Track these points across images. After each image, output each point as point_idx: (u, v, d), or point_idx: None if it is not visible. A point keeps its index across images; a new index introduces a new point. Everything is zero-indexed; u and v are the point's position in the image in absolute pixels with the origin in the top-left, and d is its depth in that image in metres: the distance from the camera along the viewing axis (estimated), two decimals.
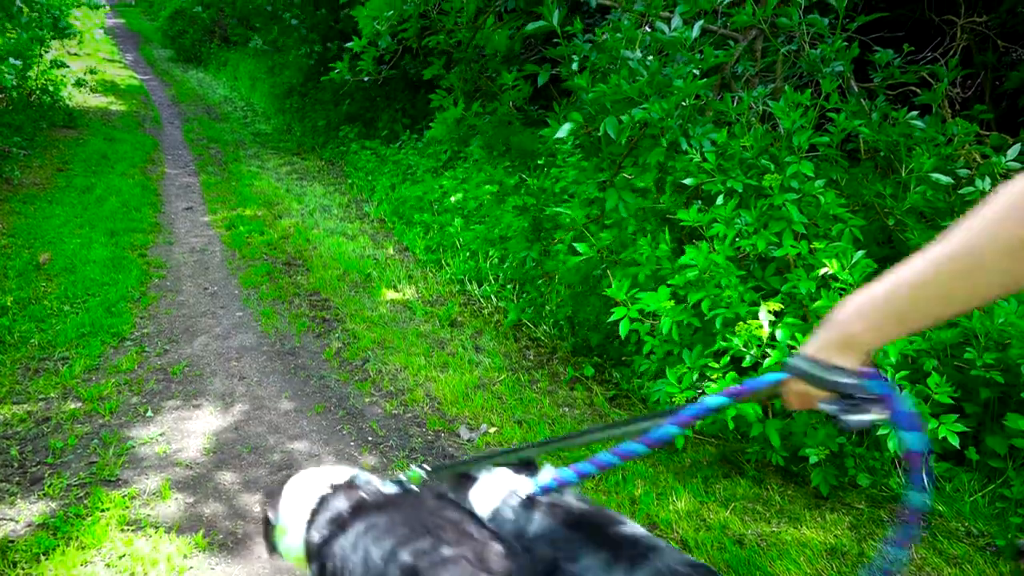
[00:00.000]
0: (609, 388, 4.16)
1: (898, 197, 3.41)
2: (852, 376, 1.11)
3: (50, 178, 8.41)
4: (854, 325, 1.09)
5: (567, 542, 1.45)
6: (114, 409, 3.78)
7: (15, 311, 4.85)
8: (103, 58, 18.72)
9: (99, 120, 12.02)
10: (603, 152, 3.75)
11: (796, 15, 3.71)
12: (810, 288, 3.04)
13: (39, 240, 6.29)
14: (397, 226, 7.30)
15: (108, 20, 20.33)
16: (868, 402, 1.14)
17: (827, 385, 1.13)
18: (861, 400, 1.14)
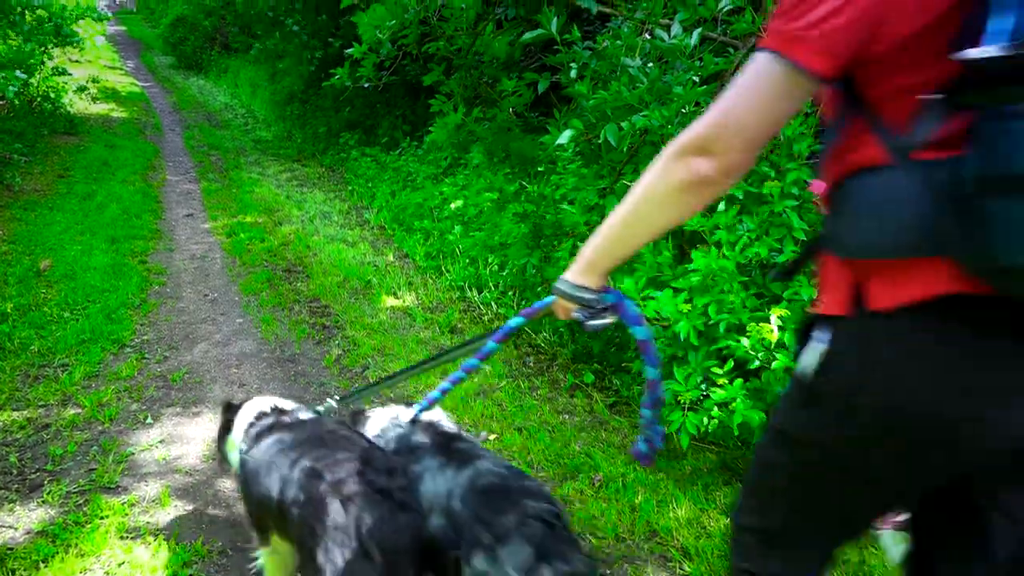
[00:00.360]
0: (609, 395, 4.15)
1: None
2: (593, 292, 1.56)
3: (51, 185, 8.42)
4: (589, 256, 1.52)
5: (420, 450, 2.10)
6: (114, 416, 3.77)
7: (15, 317, 4.85)
8: (104, 65, 18.79)
9: (100, 127, 12.05)
10: (603, 159, 3.76)
11: None
12: (812, 295, 3.04)
13: (40, 247, 6.29)
14: (397, 233, 7.30)
15: (109, 27, 20.38)
16: (605, 310, 1.61)
17: (577, 300, 1.58)
18: (600, 309, 1.60)
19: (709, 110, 1.25)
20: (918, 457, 1.21)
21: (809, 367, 1.28)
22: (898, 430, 1.19)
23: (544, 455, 3.50)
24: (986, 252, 1.01)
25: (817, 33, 1.11)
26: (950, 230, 1.04)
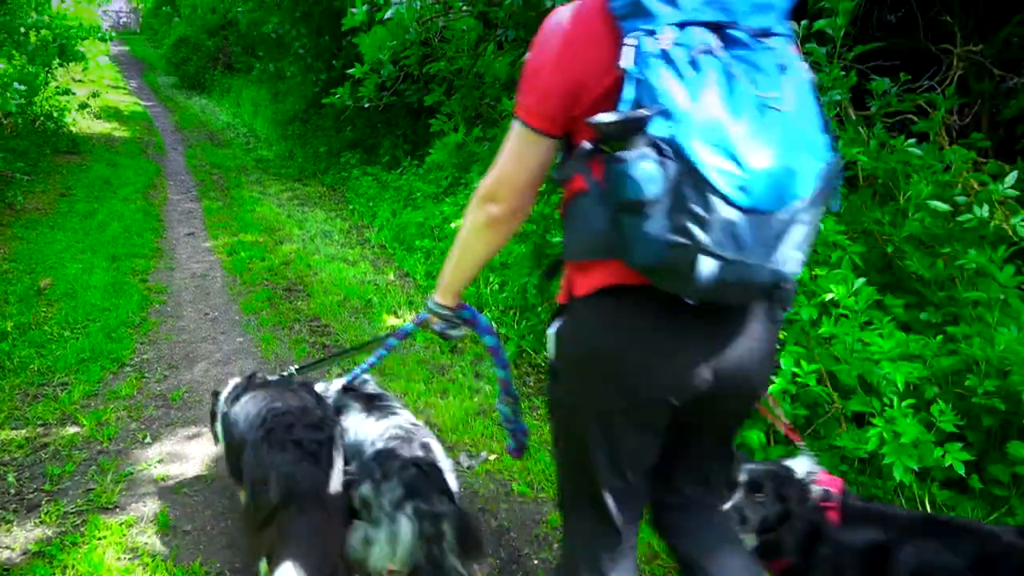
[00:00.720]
0: None
1: (896, 224, 3.43)
2: (450, 310, 2.03)
3: (53, 203, 8.45)
4: (442, 283, 1.97)
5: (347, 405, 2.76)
6: (113, 435, 3.77)
7: (15, 336, 4.85)
8: (107, 85, 18.91)
9: (102, 146, 12.11)
10: None
11: None
12: (812, 315, 3.04)
13: (40, 265, 6.31)
14: (398, 252, 7.32)
15: (113, 47, 20.54)
16: (462, 322, 2.11)
17: (439, 315, 2.05)
18: (457, 321, 2.09)
19: (493, 165, 1.67)
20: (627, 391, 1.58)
21: (550, 351, 1.71)
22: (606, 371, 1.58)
23: (544, 475, 3.49)
24: (628, 256, 1.39)
25: (537, 103, 1.56)
26: (614, 240, 1.41)
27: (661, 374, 1.55)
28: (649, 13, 1.35)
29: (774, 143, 1.34)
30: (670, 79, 1.31)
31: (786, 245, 1.37)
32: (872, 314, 3.05)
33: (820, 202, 1.42)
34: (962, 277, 3.26)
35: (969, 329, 3.07)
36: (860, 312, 2.92)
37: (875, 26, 6.27)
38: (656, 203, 1.30)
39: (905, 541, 1.82)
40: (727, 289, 1.38)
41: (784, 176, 1.34)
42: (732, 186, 1.29)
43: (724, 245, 1.31)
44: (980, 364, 2.91)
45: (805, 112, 1.41)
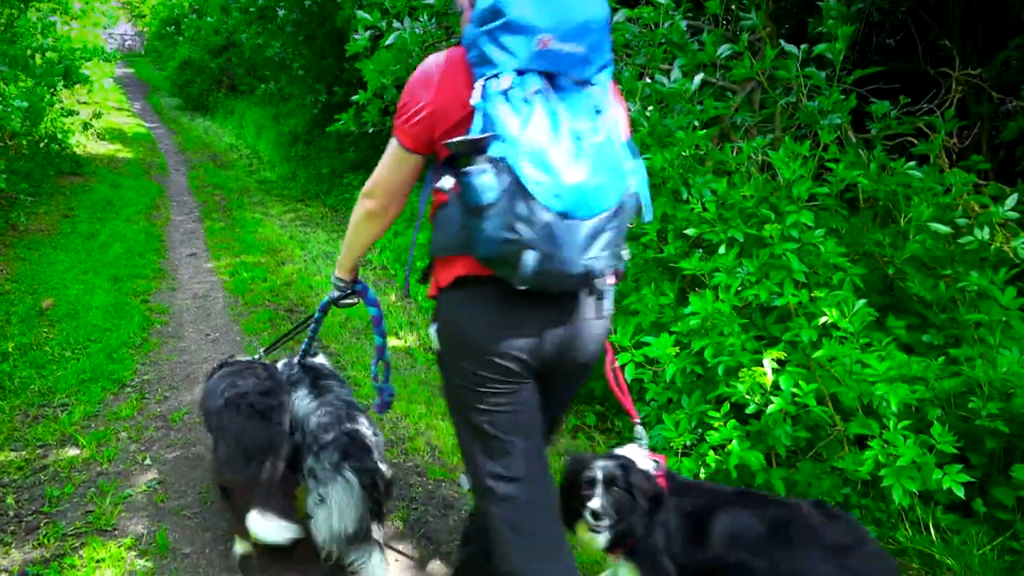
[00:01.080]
0: (611, 436, 4.13)
1: (897, 246, 3.43)
2: (346, 282, 2.52)
3: (56, 224, 8.48)
4: (340, 261, 2.45)
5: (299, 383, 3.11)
6: (112, 456, 3.75)
7: (16, 357, 4.85)
8: (112, 107, 19.03)
9: (106, 167, 12.17)
10: None
11: (794, 68, 3.78)
12: (812, 337, 3.04)
13: (43, 286, 6.31)
14: (399, 273, 7.33)
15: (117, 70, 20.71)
16: (354, 294, 2.60)
17: (338, 287, 2.54)
18: (350, 293, 2.58)
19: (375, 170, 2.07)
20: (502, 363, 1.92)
21: (434, 345, 2.07)
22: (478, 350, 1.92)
23: None
24: (475, 250, 1.77)
25: (408, 127, 1.92)
26: (466, 238, 1.77)
27: (513, 347, 1.92)
28: (493, 62, 1.73)
29: (585, 165, 1.72)
30: (507, 112, 1.69)
31: (595, 246, 1.77)
32: (873, 335, 3.05)
33: (625, 215, 1.84)
34: (964, 299, 3.26)
35: (971, 351, 3.06)
36: (858, 334, 2.91)
37: (874, 50, 6.32)
38: (493, 207, 1.68)
39: (721, 508, 2.20)
40: (547, 278, 1.75)
41: (592, 191, 1.72)
42: (549, 195, 1.67)
43: (543, 241, 1.69)
44: (983, 386, 2.91)
45: (614, 144, 1.81)
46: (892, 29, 6.45)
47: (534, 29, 1.72)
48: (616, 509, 2.21)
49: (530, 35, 1.73)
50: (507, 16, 1.71)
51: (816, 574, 1.96)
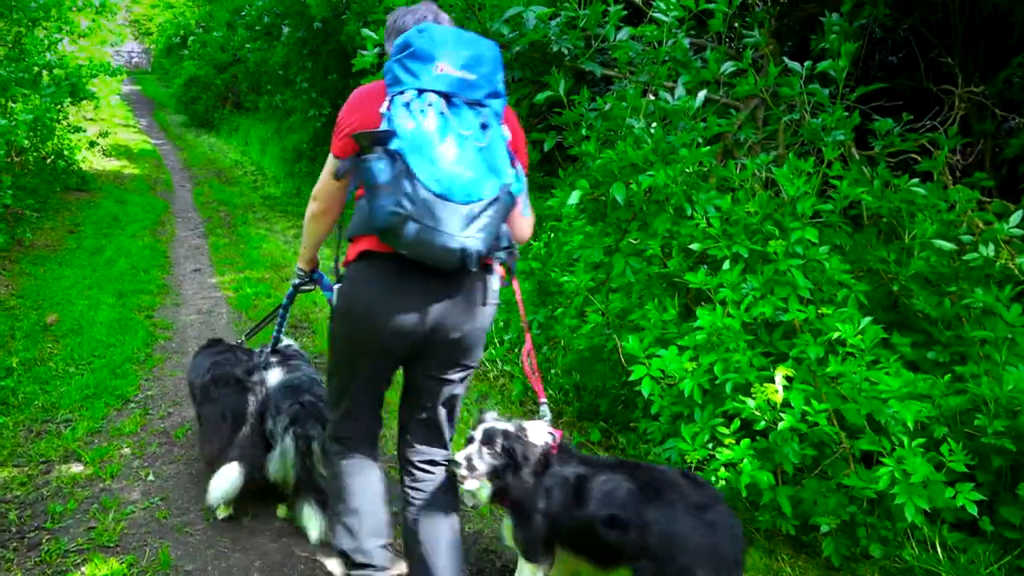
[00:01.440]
0: (616, 454, 4.11)
1: (902, 263, 3.43)
2: (305, 272, 2.97)
3: (61, 240, 8.52)
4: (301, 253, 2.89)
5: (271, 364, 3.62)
6: (115, 472, 3.74)
7: (20, 372, 4.85)
8: (118, 123, 19.14)
9: (112, 183, 12.23)
10: (609, 217, 3.80)
11: (797, 85, 3.79)
12: (818, 353, 3.03)
13: (48, 301, 6.33)
14: None
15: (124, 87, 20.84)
16: (312, 282, 3.04)
17: (299, 277, 2.99)
18: (308, 281, 3.01)
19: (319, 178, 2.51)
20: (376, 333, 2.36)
21: (332, 301, 2.54)
22: (363, 315, 2.36)
23: None
24: (372, 222, 2.16)
25: (339, 140, 2.37)
26: (368, 217, 2.19)
27: (393, 318, 2.31)
28: (401, 82, 2.19)
29: (464, 162, 2.13)
30: (405, 117, 2.12)
31: (472, 227, 2.13)
32: (879, 352, 3.04)
33: (501, 206, 2.20)
34: (969, 316, 3.25)
35: (977, 368, 3.05)
36: (866, 351, 2.90)
37: (877, 67, 6.35)
38: (386, 186, 2.09)
39: (599, 472, 2.52)
40: (427, 248, 2.13)
41: (467, 181, 2.11)
42: (430, 179, 2.07)
43: (423, 216, 2.08)
44: (989, 404, 2.89)
45: (496, 151, 2.21)
46: (894, 46, 6.48)
47: (433, 57, 2.19)
48: (492, 466, 2.55)
49: (429, 62, 2.18)
50: (413, 47, 2.19)
51: (675, 523, 2.31)
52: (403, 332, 2.33)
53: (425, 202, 2.07)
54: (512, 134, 2.35)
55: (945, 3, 5.01)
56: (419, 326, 2.32)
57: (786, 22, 5.79)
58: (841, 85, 3.74)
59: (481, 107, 2.25)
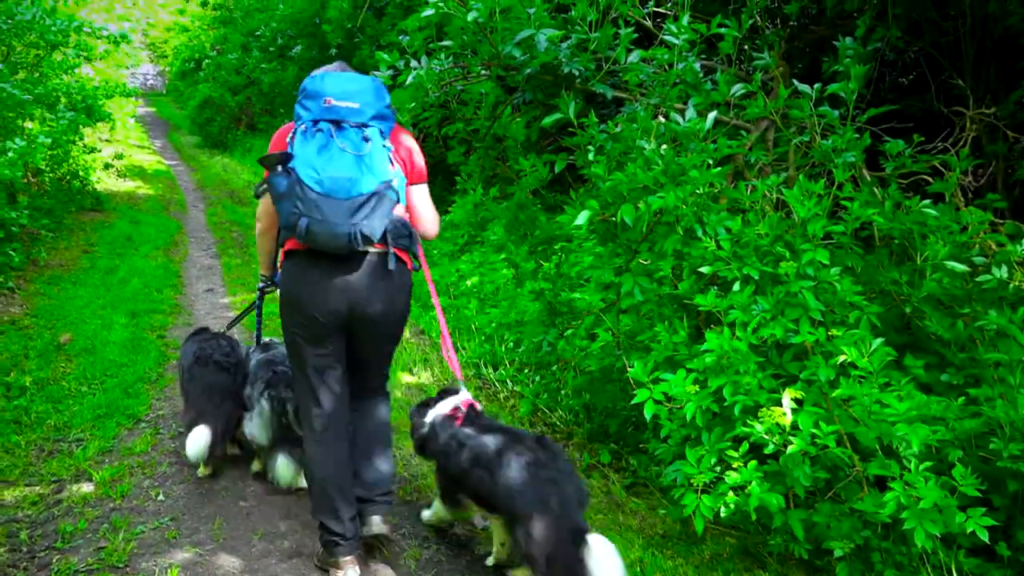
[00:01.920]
0: (626, 475, 4.09)
1: (914, 284, 3.41)
2: (266, 277, 3.62)
3: (75, 259, 8.59)
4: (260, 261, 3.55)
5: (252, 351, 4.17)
6: (126, 492, 3.75)
7: (33, 391, 4.88)
8: (133, 144, 19.36)
9: (126, 204, 12.35)
10: (619, 238, 3.80)
11: (807, 107, 3.80)
12: (829, 375, 3.01)
13: (61, 320, 6.38)
14: (414, 309, 7.34)
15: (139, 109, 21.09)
16: (272, 285, 3.59)
17: (263, 281, 3.69)
18: (270, 284, 3.62)
19: None
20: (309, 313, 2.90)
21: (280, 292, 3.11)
22: (294, 303, 2.93)
23: None
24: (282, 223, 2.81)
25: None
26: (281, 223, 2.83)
27: (314, 301, 2.90)
28: (300, 117, 2.85)
29: (345, 167, 2.75)
30: (300, 142, 2.77)
31: (357, 216, 2.74)
32: (891, 375, 3.01)
33: (384, 199, 2.81)
34: (983, 338, 3.22)
35: (991, 391, 3.02)
36: (876, 373, 2.88)
37: (887, 88, 6.35)
38: (285, 195, 2.74)
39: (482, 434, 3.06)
40: (319, 237, 2.75)
41: (346, 180, 2.73)
42: (314, 183, 2.71)
43: (312, 211, 2.71)
44: (1004, 427, 2.86)
45: (376, 158, 2.82)
46: (904, 68, 6.49)
47: (321, 94, 2.84)
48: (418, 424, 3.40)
49: (319, 98, 2.83)
50: (307, 89, 2.88)
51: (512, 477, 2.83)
52: (327, 312, 2.90)
53: (313, 201, 2.71)
54: (396, 146, 2.99)
55: (956, 26, 5.02)
56: (338, 305, 2.90)
57: (796, 44, 5.81)
58: (851, 107, 3.74)
59: (365, 127, 2.85)
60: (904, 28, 5.02)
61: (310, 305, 2.88)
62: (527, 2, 3.71)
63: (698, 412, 3.06)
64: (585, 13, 3.84)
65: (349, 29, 9.34)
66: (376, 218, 2.77)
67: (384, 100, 2.94)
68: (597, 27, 3.89)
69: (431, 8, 3.73)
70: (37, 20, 8.86)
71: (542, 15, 3.73)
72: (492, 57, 3.90)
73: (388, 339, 3.19)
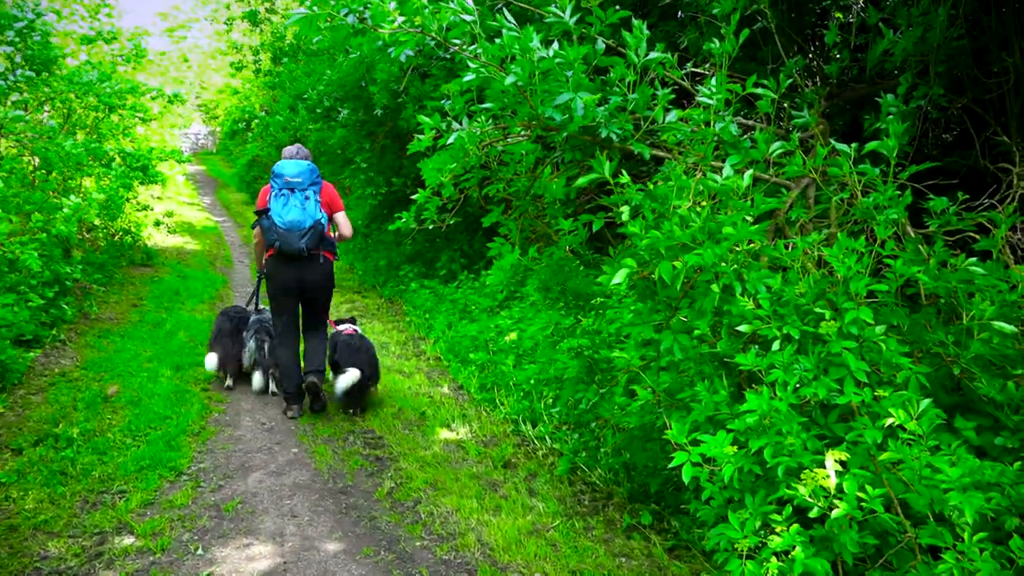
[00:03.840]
0: (668, 538, 3.99)
1: (961, 344, 3.33)
2: (260, 268, 6.01)
3: (125, 313, 8.81)
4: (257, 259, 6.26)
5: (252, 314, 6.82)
6: (166, 546, 3.77)
7: (80, 443, 4.97)
8: (183, 201, 19.97)
9: (175, 259, 12.68)
10: (659, 295, 3.79)
11: (846, 165, 3.79)
12: (876, 438, 2.93)
13: (109, 373, 6.52)
14: (452, 364, 7.36)
15: (190, 167, 21.82)
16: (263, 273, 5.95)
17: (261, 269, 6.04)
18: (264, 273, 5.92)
19: None
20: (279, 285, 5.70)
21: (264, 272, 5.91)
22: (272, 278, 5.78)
23: None
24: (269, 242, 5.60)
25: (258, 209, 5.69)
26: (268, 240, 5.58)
27: (284, 279, 5.63)
28: (273, 185, 5.51)
29: (296, 214, 5.41)
30: (273, 200, 5.47)
31: (303, 240, 5.42)
32: (941, 437, 2.92)
33: (317, 228, 5.49)
34: None
35: None
36: (926, 436, 2.80)
37: (931, 145, 6.31)
38: (268, 229, 5.45)
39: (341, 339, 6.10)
40: (286, 249, 5.44)
41: (297, 220, 5.40)
42: (279, 221, 5.39)
43: (282, 238, 5.41)
44: None
45: (312, 207, 5.48)
46: (947, 124, 6.44)
47: (282, 175, 5.46)
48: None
49: (281, 177, 5.45)
50: (274, 171, 5.49)
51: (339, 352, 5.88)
52: (288, 283, 5.65)
53: (281, 233, 5.39)
54: (324, 195, 5.62)
55: (1000, 83, 4.99)
56: (293, 280, 5.64)
57: (836, 102, 5.82)
58: (893, 164, 3.72)
59: (304, 190, 5.47)
60: (946, 85, 5.00)
61: (279, 279, 5.66)
62: (566, 65, 3.78)
63: (737, 474, 2.99)
64: (624, 75, 3.90)
65: (394, 90, 9.61)
66: (311, 239, 5.48)
67: (314, 175, 5.57)
68: (634, 88, 3.95)
69: (472, 73, 3.82)
70: (95, 83, 9.30)
71: (580, 77, 3.80)
72: (531, 118, 3.98)
73: (319, 296, 5.89)
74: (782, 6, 6.16)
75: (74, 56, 11.26)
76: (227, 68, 27.31)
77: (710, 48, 4.16)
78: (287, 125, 15.87)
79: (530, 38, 3.65)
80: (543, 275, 4.61)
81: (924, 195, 4.07)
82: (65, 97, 9.51)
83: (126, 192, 9.98)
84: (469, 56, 3.85)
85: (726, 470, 3.00)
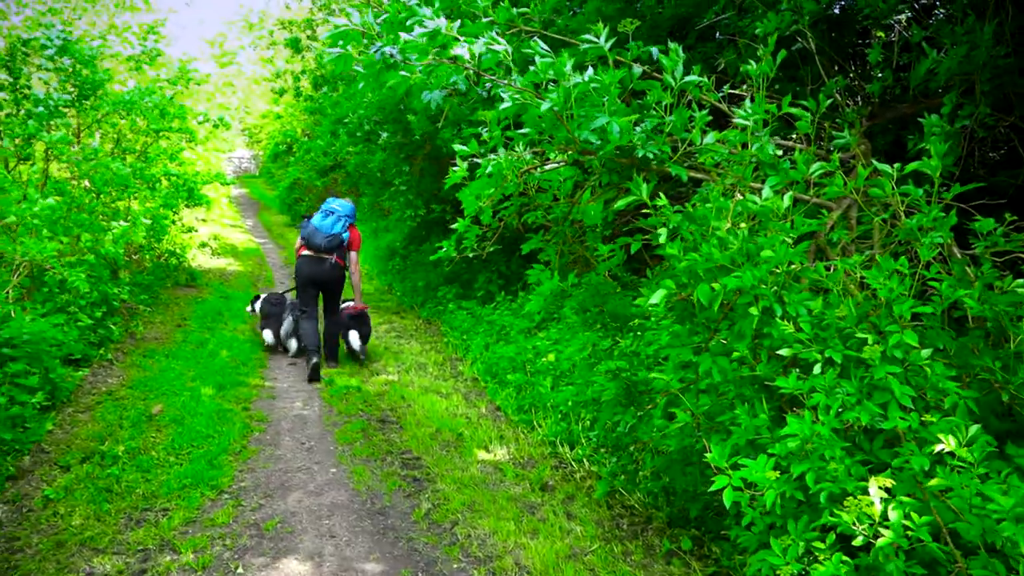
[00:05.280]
0: (709, 564, 3.93)
1: (1010, 369, 3.24)
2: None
3: (169, 333, 9.00)
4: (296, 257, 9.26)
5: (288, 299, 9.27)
6: (207, 564, 3.82)
7: (125, 460, 5.08)
8: (227, 224, 20.38)
9: (218, 280, 12.93)
10: (698, 317, 3.76)
11: (888, 186, 3.73)
12: (923, 464, 2.86)
13: (154, 392, 6.65)
14: (490, 385, 7.37)
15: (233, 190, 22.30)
16: None
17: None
18: None
19: None
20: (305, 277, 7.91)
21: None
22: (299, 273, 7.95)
23: None
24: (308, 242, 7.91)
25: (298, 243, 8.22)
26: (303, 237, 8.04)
27: (308, 273, 7.85)
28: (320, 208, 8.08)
29: (328, 222, 7.81)
30: (316, 216, 7.98)
31: (327, 243, 7.72)
32: (992, 464, 2.84)
33: (338, 236, 7.78)
34: None
35: None
36: (977, 463, 2.72)
37: (977, 164, 6.19)
38: (308, 228, 7.90)
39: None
40: (311, 243, 7.77)
41: (327, 227, 7.77)
42: (314, 223, 7.87)
43: (310, 233, 7.82)
44: None
45: (339, 226, 7.82)
46: (995, 143, 6.32)
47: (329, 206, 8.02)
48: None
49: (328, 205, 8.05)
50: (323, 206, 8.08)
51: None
52: (313, 277, 7.80)
53: (312, 231, 7.77)
54: (352, 232, 7.97)
55: None
56: (314, 275, 7.80)
57: (878, 121, 5.75)
58: (937, 184, 3.65)
59: (340, 219, 7.82)
60: (993, 104, 4.91)
61: (304, 274, 7.78)
62: (602, 90, 3.80)
63: (778, 500, 2.94)
64: (660, 98, 3.91)
65: (432, 115, 9.75)
66: (330, 243, 7.64)
67: (351, 214, 7.93)
68: (670, 110, 3.95)
69: (509, 101, 3.86)
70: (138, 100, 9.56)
71: (615, 103, 3.81)
72: (568, 142, 4.00)
73: (333, 288, 7.93)
74: (823, 26, 6.12)
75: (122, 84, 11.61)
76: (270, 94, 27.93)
77: (748, 70, 4.15)
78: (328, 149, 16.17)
79: (564, 63, 3.68)
80: (581, 297, 4.61)
81: (970, 216, 3.99)
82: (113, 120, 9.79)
83: (170, 212, 10.22)
84: (505, 85, 3.89)
85: (768, 495, 2.95)
